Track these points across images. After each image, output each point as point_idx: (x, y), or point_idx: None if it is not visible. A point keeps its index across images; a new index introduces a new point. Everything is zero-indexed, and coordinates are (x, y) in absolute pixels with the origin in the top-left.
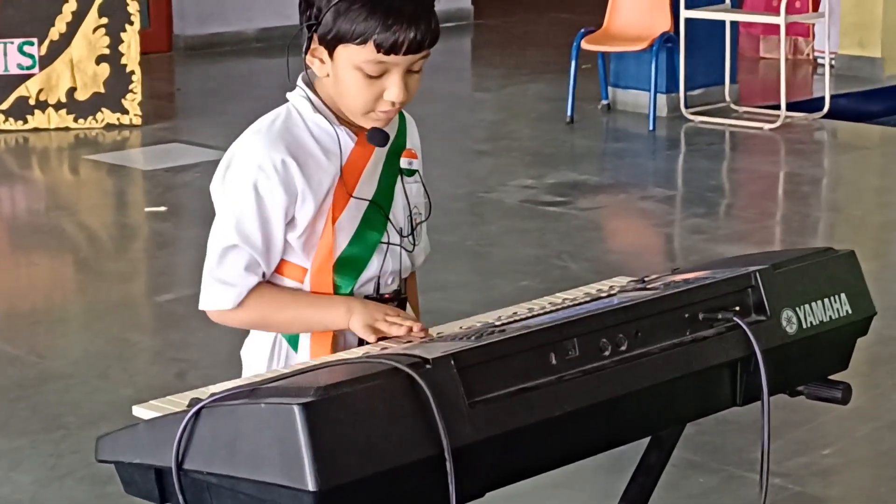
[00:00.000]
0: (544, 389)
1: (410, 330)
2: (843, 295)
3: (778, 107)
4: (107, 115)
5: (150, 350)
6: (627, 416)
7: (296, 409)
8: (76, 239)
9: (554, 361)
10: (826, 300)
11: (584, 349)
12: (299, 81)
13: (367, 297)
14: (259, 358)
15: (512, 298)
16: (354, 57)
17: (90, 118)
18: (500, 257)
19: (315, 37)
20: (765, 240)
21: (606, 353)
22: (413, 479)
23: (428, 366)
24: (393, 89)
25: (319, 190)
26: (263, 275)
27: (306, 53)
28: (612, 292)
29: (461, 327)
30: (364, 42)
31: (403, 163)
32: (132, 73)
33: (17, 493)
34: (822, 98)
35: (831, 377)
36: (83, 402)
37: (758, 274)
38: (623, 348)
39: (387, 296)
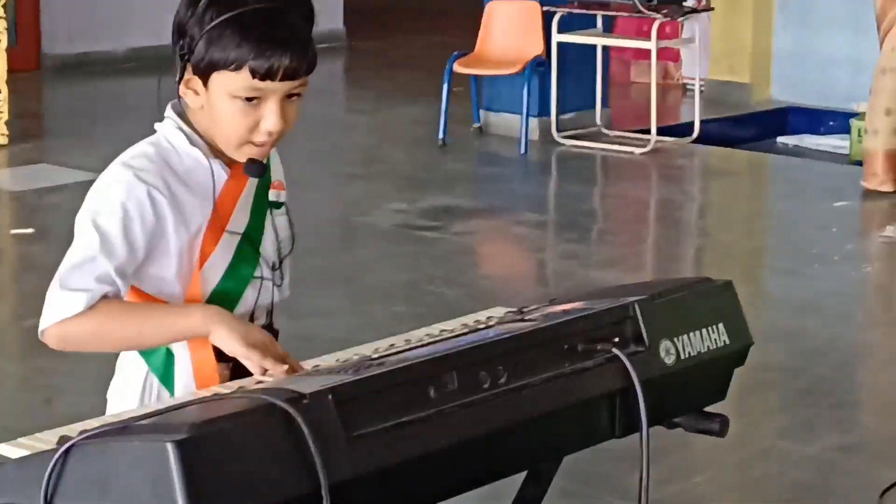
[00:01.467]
0: (423, 423)
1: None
2: (720, 325)
3: (649, 131)
4: None
5: (15, 376)
6: (507, 449)
7: (169, 446)
8: None
9: (433, 395)
10: (704, 330)
11: (463, 382)
12: (169, 112)
13: None
14: (128, 400)
15: (386, 324)
16: (229, 84)
17: None
18: (374, 282)
19: (189, 66)
20: (637, 265)
21: (486, 385)
22: None
23: (305, 400)
24: (270, 118)
25: (191, 224)
26: (119, 290)
27: (180, 84)
28: (490, 324)
29: (338, 359)
30: (238, 68)
31: (272, 195)
32: None
33: None
34: (692, 123)
35: (708, 408)
36: None
37: (636, 305)
38: (502, 381)
39: None
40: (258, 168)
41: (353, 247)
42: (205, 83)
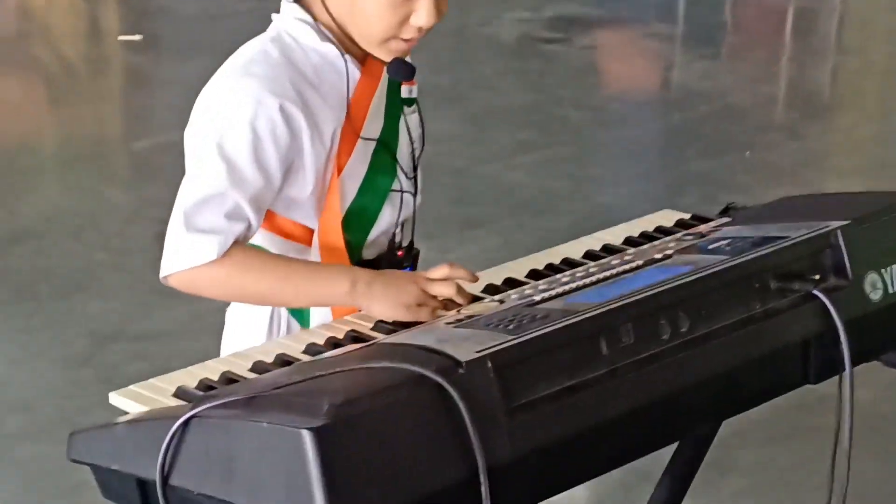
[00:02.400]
0: (595, 388)
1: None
2: None
3: None
4: None
5: (126, 207)
6: (688, 409)
7: (305, 434)
8: (47, 73)
9: (605, 351)
10: None
11: (640, 334)
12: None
13: (380, 255)
14: (253, 329)
15: (510, 153)
16: None
17: None
18: (497, 103)
19: None
20: (775, 84)
21: (665, 336)
22: None
23: (461, 370)
24: (423, 12)
25: (325, 135)
26: (250, 228)
27: None
28: (668, 251)
29: (490, 298)
30: None
31: (404, 91)
32: None
33: None
34: None
35: None
36: (55, 267)
37: (839, 232)
38: (684, 330)
39: (400, 253)
40: (408, 71)
41: (474, 61)
42: None
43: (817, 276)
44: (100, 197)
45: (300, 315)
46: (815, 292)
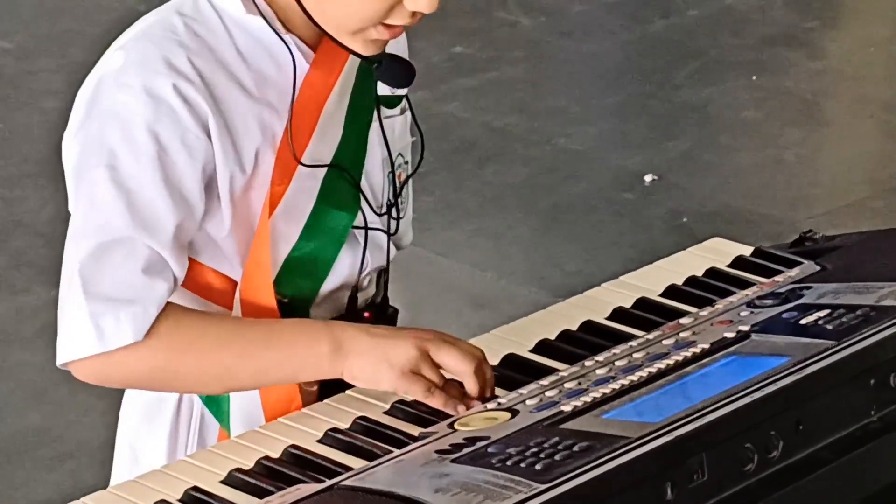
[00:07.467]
0: None
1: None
2: None
3: None
4: None
5: None
6: None
7: None
8: None
9: (670, 495)
10: None
11: (716, 467)
12: None
13: (337, 318)
14: (154, 426)
15: (441, 74)
16: None
17: None
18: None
19: None
20: None
21: (749, 467)
22: None
23: None
24: None
25: (248, 146)
26: (175, 282)
27: None
28: (741, 326)
29: (496, 403)
30: None
31: (384, 87)
32: None
33: None
34: None
35: None
36: None
37: None
38: (775, 455)
39: (367, 315)
40: (407, 75)
41: None
42: None
43: None
44: None
45: (216, 406)
46: None
